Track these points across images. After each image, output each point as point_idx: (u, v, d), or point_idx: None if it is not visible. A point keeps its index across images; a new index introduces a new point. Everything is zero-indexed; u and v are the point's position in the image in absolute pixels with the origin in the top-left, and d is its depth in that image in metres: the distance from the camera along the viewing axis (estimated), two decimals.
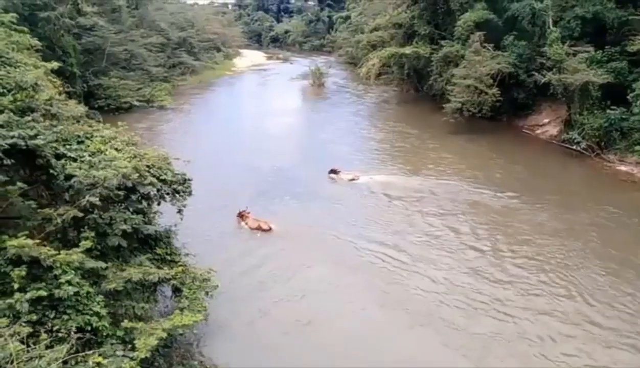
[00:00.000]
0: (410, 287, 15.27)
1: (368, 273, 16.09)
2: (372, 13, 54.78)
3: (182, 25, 64.08)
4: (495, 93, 31.98)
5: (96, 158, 11.29)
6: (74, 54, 35.58)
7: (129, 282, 10.20)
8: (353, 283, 15.49)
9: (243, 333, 12.95)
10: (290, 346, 12.62)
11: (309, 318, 13.75)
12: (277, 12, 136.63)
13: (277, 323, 13.55)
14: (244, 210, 19.59)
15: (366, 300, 14.72)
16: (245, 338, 12.81)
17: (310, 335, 13.17)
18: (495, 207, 21.30)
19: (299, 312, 13.97)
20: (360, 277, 15.90)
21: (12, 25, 17.83)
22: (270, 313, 13.97)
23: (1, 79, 11.59)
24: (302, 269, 16.28)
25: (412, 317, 13.86)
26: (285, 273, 15.96)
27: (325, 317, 13.85)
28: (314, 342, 12.79)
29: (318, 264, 16.58)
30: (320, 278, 15.72)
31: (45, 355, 7.28)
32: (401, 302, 14.49)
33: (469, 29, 34.42)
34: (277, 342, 12.74)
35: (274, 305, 14.24)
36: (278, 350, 12.43)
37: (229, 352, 12.19)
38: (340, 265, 16.45)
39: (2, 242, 9.02)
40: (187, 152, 15.41)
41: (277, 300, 14.46)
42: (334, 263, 16.56)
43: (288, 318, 13.72)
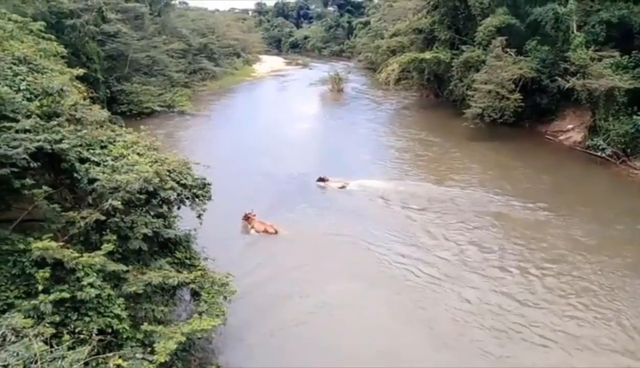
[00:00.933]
0: (436, 305, 14.53)
1: (390, 288, 15.52)
2: (392, 18, 54.76)
3: (203, 31, 64.95)
4: (518, 98, 31.59)
5: (119, 162, 11.45)
6: (98, 60, 36.36)
7: (149, 286, 10.29)
8: (374, 298, 14.94)
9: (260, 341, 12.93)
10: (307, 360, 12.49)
11: (328, 332, 13.33)
12: (296, 18, 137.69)
13: (295, 335, 13.37)
14: (249, 213, 19.66)
15: (388, 316, 14.15)
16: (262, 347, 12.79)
17: (328, 351, 12.69)
18: (524, 220, 20.43)
19: (319, 326, 13.59)
20: (382, 291, 15.35)
21: (40, 33, 18.29)
22: (289, 324, 13.79)
23: (29, 84, 11.87)
24: (321, 281, 15.85)
25: (439, 338, 13.14)
26: (305, 284, 15.58)
27: (345, 333, 13.37)
28: (332, 357, 12.48)
29: (337, 275, 16.18)
30: (340, 291, 15.22)
31: (67, 356, 7.38)
32: (427, 321, 13.81)
33: (491, 34, 34.07)
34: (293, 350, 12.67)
35: (293, 316, 14.00)
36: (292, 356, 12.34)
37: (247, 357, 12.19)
38: (359, 278, 15.97)
39: (28, 243, 9.20)
40: (206, 157, 15.40)
41: (295, 312, 14.22)
42: (354, 276, 16.13)
43: (307, 332, 13.43)
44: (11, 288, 8.91)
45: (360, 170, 26.65)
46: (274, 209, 21.01)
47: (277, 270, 16.46)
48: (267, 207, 20.84)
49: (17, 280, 9.05)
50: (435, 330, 13.48)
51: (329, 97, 54.25)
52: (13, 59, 12.75)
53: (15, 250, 9.27)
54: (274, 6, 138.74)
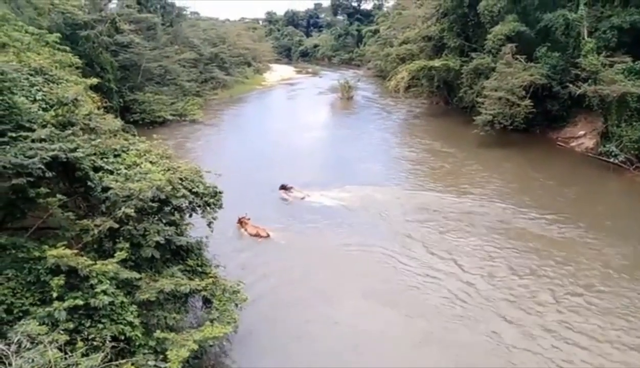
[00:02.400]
0: (470, 340, 13.07)
1: (408, 309, 14.59)
2: (401, 26, 54.89)
3: (214, 41, 65.69)
4: (528, 105, 31.45)
5: (132, 171, 11.63)
6: (112, 70, 36.92)
7: (161, 293, 10.37)
8: (391, 320, 14.09)
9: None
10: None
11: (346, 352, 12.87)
12: (306, 27, 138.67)
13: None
14: (243, 217, 19.84)
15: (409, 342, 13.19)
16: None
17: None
18: (551, 238, 18.97)
19: (334, 343, 13.18)
20: (399, 311, 14.52)
21: (55, 45, 18.69)
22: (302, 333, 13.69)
23: (45, 95, 12.14)
24: (336, 296, 15.23)
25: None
26: (318, 298, 15.08)
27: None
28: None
29: (349, 290, 15.53)
30: (355, 310, 14.46)
31: (81, 363, 7.48)
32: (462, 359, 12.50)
33: (500, 41, 34.01)
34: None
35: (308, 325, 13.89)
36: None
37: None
38: (373, 297, 15.16)
39: (43, 251, 9.33)
40: (216, 165, 15.43)
41: (309, 322, 14.01)
42: (367, 292, 15.37)
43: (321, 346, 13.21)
44: (26, 296, 9.04)
45: (370, 180, 26.15)
46: (280, 218, 21.04)
47: (297, 276, 16.44)
48: (273, 216, 20.98)
49: (32, 287, 9.17)
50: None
51: (339, 105, 54.41)
52: (29, 70, 13.08)
53: (30, 258, 9.41)
54: (284, 15, 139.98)
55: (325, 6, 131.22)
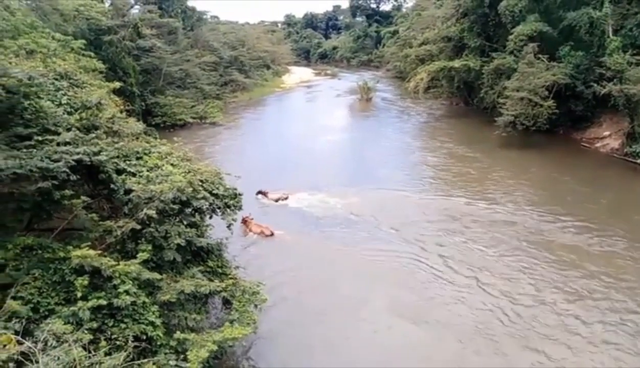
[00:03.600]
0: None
1: (438, 325, 13.74)
2: (420, 27, 54.53)
3: (234, 44, 66.32)
4: (551, 105, 30.90)
5: (153, 173, 11.79)
6: (134, 74, 37.56)
7: (182, 294, 10.47)
8: (420, 338, 13.36)
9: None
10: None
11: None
12: (325, 29, 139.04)
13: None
14: (247, 216, 19.93)
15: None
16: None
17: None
18: (583, 249, 17.68)
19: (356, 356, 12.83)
20: (429, 327, 13.71)
21: (80, 50, 19.13)
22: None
23: (69, 99, 12.43)
24: (361, 308, 14.72)
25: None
26: (343, 308, 14.73)
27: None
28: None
29: (373, 299, 15.08)
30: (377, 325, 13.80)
31: (104, 361, 7.61)
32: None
33: (522, 41, 33.51)
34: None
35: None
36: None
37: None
38: (397, 312, 14.41)
39: (67, 252, 9.53)
40: (235, 168, 15.56)
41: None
42: (391, 304, 14.84)
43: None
44: (52, 295, 9.22)
45: (389, 185, 25.42)
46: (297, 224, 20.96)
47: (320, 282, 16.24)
48: (289, 220, 21.03)
49: (58, 287, 9.36)
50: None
51: (358, 107, 54.29)
52: (55, 75, 13.40)
53: (55, 258, 9.61)
54: (302, 18, 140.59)
55: (344, 8, 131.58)
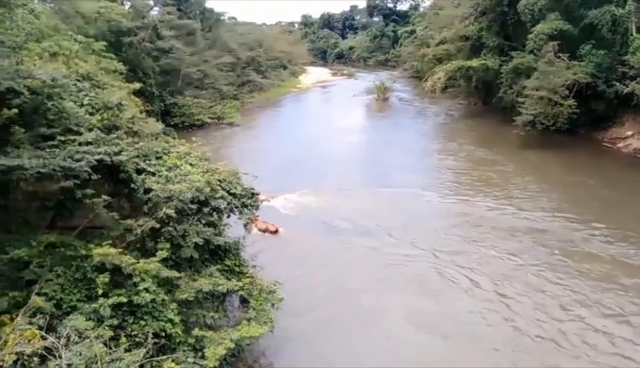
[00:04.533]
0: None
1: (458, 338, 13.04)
2: (438, 26, 54.11)
3: (251, 45, 66.74)
4: (572, 104, 30.37)
5: (172, 172, 11.94)
6: (153, 75, 38.10)
7: (200, 292, 10.61)
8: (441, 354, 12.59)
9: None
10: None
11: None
12: (342, 29, 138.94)
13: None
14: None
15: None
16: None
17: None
18: (620, 261, 16.58)
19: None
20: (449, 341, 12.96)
21: (101, 52, 19.49)
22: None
23: (91, 99, 12.65)
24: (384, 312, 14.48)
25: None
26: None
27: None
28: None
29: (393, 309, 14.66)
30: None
31: (124, 357, 7.76)
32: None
33: (542, 40, 32.99)
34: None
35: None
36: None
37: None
38: (415, 323, 13.93)
39: (89, 249, 9.73)
40: (251, 168, 15.56)
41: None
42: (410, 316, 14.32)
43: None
44: (74, 292, 9.43)
45: (406, 190, 24.82)
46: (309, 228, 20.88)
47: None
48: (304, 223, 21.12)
49: (80, 284, 9.57)
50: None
51: (374, 107, 54.11)
52: (77, 76, 13.65)
53: (77, 256, 9.83)
54: (319, 18, 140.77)
55: (360, 8, 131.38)
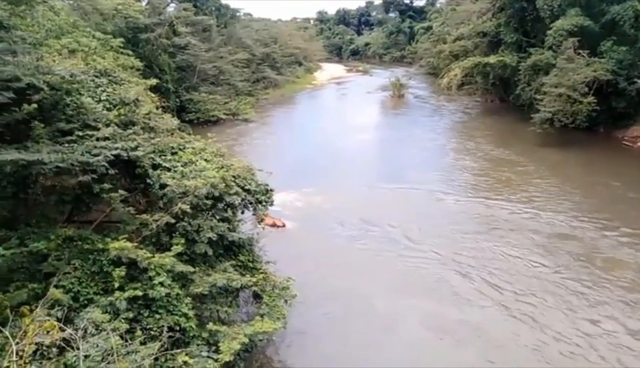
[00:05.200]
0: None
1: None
2: (455, 22, 53.60)
3: (266, 41, 66.85)
4: (591, 102, 29.85)
5: (187, 168, 12.04)
6: (169, 71, 38.38)
7: (214, 287, 10.69)
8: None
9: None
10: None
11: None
12: (357, 25, 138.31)
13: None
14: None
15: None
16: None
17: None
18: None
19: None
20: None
21: (119, 49, 19.70)
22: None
23: (108, 95, 12.81)
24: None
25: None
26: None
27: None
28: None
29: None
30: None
31: (140, 350, 7.86)
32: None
33: (562, 36, 32.44)
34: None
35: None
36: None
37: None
38: (432, 329, 13.57)
39: (106, 243, 9.86)
40: (265, 164, 15.56)
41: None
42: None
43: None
44: (91, 285, 9.56)
45: (421, 186, 24.76)
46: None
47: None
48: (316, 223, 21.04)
49: (96, 277, 9.70)
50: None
51: (389, 104, 53.82)
52: (95, 72, 13.83)
53: (94, 249, 9.95)
54: (335, 14, 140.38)
55: (377, 4, 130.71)
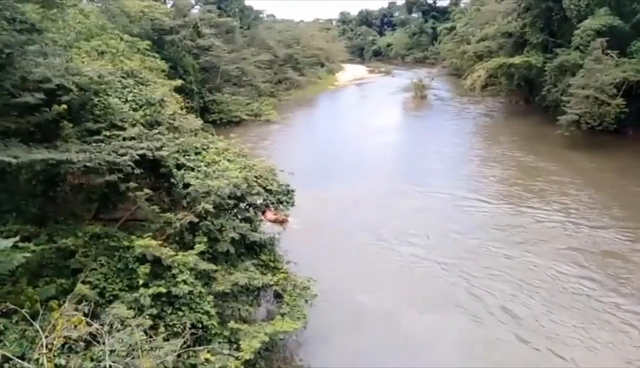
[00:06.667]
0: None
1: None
2: (479, 23, 52.92)
3: (289, 42, 67.23)
4: (620, 104, 29.08)
5: (211, 168, 12.22)
6: (193, 72, 38.94)
7: (235, 285, 10.83)
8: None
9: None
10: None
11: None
12: (380, 26, 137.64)
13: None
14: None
15: None
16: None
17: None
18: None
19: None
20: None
21: (146, 51, 20.12)
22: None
23: (135, 96, 13.09)
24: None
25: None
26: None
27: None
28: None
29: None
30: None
31: (163, 346, 8.02)
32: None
33: (590, 36, 31.69)
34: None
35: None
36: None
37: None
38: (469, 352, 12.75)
39: (131, 241, 10.08)
40: (285, 165, 15.57)
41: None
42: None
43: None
44: (116, 281, 9.78)
45: (446, 194, 24.08)
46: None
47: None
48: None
49: (122, 273, 9.92)
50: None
51: (411, 105, 53.38)
52: (122, 73, 14.16)
53: (120, 247, 10.20)
54: (357, 15, 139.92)
55: (399, 4, 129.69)
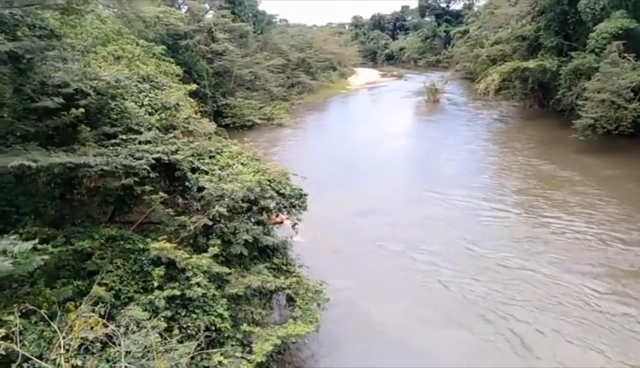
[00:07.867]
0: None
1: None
2: (493, 26, 52.63)
3: (302, 46, 67.53)
4: (637, 108, 28.68)
5: (225, 172, 12.34)
6: (207, 76, 39.31)
7: (248, 288, 10.87)
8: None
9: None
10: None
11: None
12: (392, 30, 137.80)
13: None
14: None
15: None
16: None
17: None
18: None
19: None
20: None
21: (161, 56, 20.41)
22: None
23: (150, 100, 13.29)
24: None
25: None
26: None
27: None
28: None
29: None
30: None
31: (178, 348, 8.10)
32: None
33: (605, 39, 31.32)
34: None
35: None
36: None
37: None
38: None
39: (146, 244, 10.21)
40: (297, 169, 15.55)
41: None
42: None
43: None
44: (131, 283, 9.90)
45: (461, 204, 23.19)
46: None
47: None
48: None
49: (137, 276, 10.04)
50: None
51: (424, 109, 53.17)
52: (138, 78, 14.38)
53: (135, 249, 10.32)
54: (370, 19, 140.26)
55: (412, 8, 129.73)
